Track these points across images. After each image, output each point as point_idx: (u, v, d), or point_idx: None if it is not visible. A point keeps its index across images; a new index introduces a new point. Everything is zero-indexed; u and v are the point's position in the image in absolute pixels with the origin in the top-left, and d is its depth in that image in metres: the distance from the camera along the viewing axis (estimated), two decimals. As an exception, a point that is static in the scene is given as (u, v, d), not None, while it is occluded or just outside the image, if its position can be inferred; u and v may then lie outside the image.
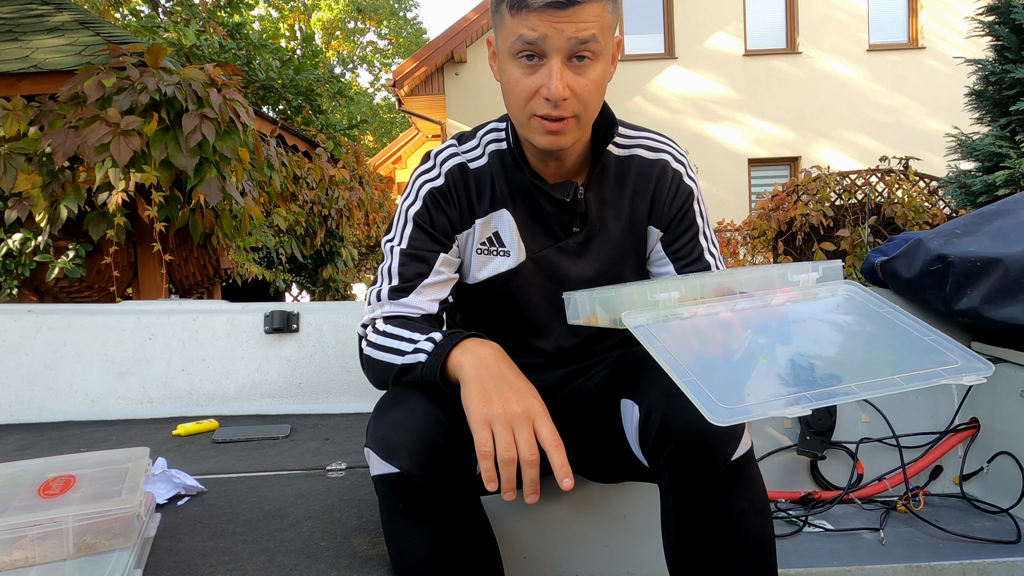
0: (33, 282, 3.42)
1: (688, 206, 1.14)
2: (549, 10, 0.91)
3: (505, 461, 0.85)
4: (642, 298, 0.89)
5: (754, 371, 0.84)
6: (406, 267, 1.09)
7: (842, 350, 0.92)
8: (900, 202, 6.34)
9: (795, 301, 0.96)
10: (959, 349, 0.88)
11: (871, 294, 1.00)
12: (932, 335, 0.91)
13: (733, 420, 0.75)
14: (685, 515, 0.90)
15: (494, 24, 1.00)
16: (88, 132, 3.03)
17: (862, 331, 0.95)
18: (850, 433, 1.73)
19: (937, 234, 1.75)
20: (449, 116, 10.28)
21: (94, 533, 0.88)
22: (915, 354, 0.88)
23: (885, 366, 0.86)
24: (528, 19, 0.92)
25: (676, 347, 0.84)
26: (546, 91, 0.95)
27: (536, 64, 0.95)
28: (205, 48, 5.79)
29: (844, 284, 1.02)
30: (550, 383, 1.18)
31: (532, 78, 0.96)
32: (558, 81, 0.94)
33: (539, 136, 1.00)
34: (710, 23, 10.23)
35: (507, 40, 0.96)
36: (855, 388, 0.82)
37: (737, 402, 0.78)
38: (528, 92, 0.97)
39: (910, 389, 0.83)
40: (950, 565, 1.36)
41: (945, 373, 0.84)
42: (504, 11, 0.95)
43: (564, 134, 0.99)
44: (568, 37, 0.92)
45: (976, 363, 0.85)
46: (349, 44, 21.29)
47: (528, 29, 0.93)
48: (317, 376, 1.92)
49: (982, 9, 5.39)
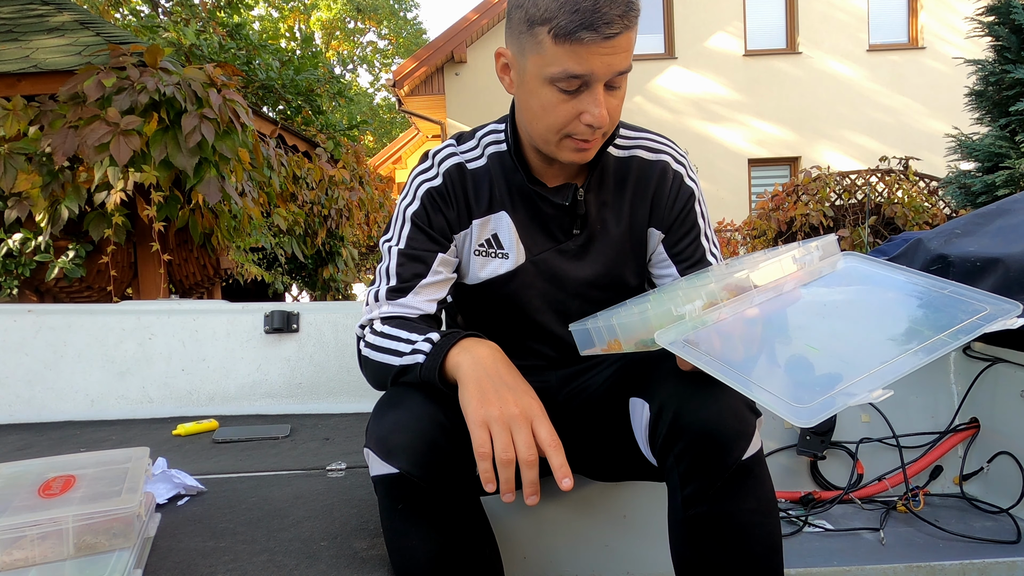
0: (33, 282, 3.42)
1: (690, 207, 1.14)
2: (598, 43, 0.90)
3: (503, 462, 0.85)
4: (667, 314, 0.84)
5: (808, 362, 0.82)
6: (404, 267, 1.09)
7: (877, 322, 0.90)
8: (900, 202, 6.35)
9: (805, 283, 0.95)
10: (980, 295, 0.87)
11: (873, 260, 0.99)
12: (949, 287, 0.90)
13: (820, 418, 0.72)
14: (694, 513, 0.90)
15: (521, 42, 0.97)
16: (88, 132, 3.03)
17: (884, 299, 0.93)
18: (850, 433, 1.73)
19: (937, 234, 1.76)
20: (449, 116, 10.28)
21: (94, 533, 0.88)
22: (944, 309, 0.86)
23: (926, 327, 0.84)
24: (577, 52, 0.91)
25: (721, 354, 0.81)
26: (589, 118, 0.95)
27: (577, 91, 0.95)
28: (205, 48, 5.79)
29: (844, 256, 1.01)
30: (551, 384, 1.18)
31: (571, 104, 0.96)
32: (603, 110, 0.95)
33: (569, 154, 1.01)
34: (710, 23, 10.23)
35: (546, 67, 0.94)
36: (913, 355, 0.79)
37: (812, 398, 0.74)
38: (567, 118, 0.97)
39: (959, 345, 0.80)
40: (950, 565, 1.36)
41: (982, 321, 0.82)
42: (544, 37, 0.92)
43: (592, 150, 1.02)
44: (614, 71, 0.93)
45: (1003, 304, 0.84)
46: (349, 44, 21.29)
47: (575, 62, 0.92)
48: (317, 376, 1.92)
49: (982, 9, 5.40)
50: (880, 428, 1.72)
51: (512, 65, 1.01)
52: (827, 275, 0.98)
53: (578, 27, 0.89)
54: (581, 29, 0.89)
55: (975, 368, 1.71)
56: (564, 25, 0.89)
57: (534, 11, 0.92)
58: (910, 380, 1.74)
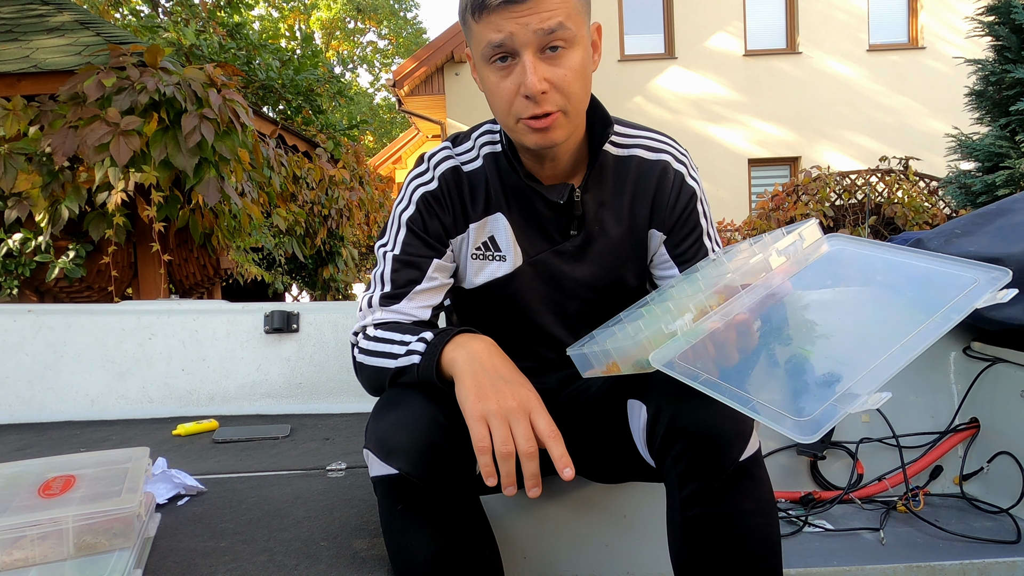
0: (33, 282, 3.42)
1: (692, 208, 1.12)
2: (508, 6, 0.90)
3: (503, 456, 0.85)
4: (659, 334, 0.83)
5: (803, 365, 0.81)
6: (398, 273, 1.08)
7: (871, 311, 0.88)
8: (900, 202, 6.35)
9: (792, 273, 0.93)
10: (967, 265, 0.85)
11: (857, 240, 0.98)
12: (935, 261, 0.88)
13: (822, 431, 0.70)
14: (692, 514, 0.90)
15: (466, 36, 1.00)
16: (88, 132, 3.03)
17: (873, 285, 0.91)
18: (850, 433, 1.73)
19: (937, 234, 1.75)
20: (449, 116, 10.28)
21: (94, 533, 0.88)
22: (934, 287, 0.85)
23: (918, 311, 0.82)
24: (491, 21, 0.91)
25: (717, 364, 0.80)
26: (523, 88, 0.93)
27: (510, 65, 0.94)
28: (205, 48, 5.79)
29: (828, 239, 1.00)
30: (551, 386, 1.18)
31: (509, 80, 0.95)
32: (532, 75, 0.92)
33: (528, 137, 0.98)
34: (710, 23, 10.23)
35: (478, 47, 0.96)
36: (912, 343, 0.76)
37: (813, 408, 0.72)
38: (509, 95, 0.96)
39: (952, 326, 0.78)
40: (950, 565, 1.36)
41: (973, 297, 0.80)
42: (469, 19, 0.95)
43: (553, 130, 0.97)
44: (534, 30, 0.91)
45: (992, 272, 0.83)
46: (349, 44, 21.29)
47: (493, 31, 0.92)
48: (317, 376, 1.92)
49: (982, 9, 5.40)
50: (880, 428, 1.72)
51: (473, 64, 1.03)
52: (814, 262, 0.96)
53: None
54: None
55: (975, 368, 1.71)
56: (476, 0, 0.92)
57: (463, 2, 0.96)
58: (910, 380, 1.75)
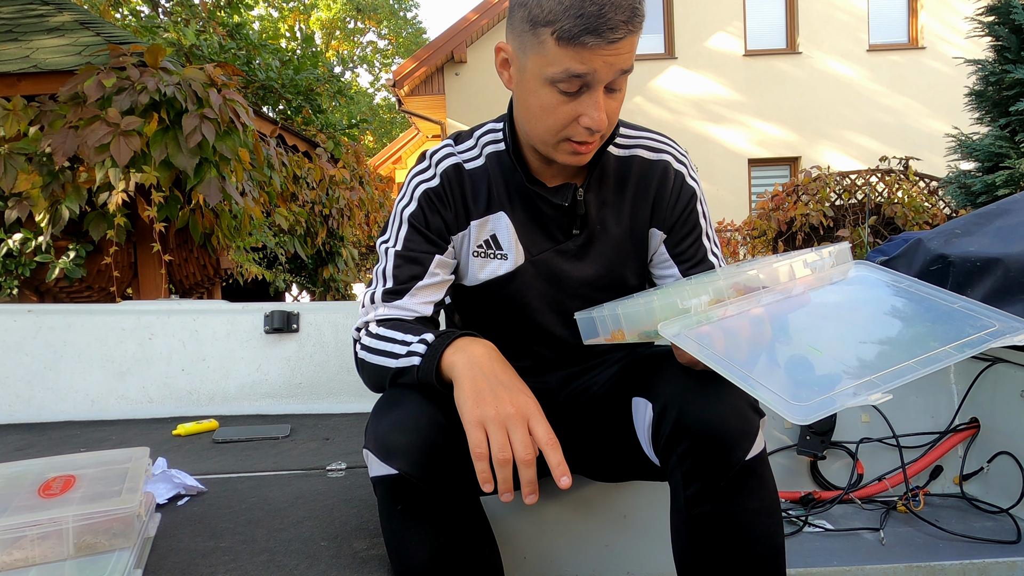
0: (33, 282, 3.42)
1: (692, 208, 1.13)
2: (605, 47, 0.89)
3: (500, 462, 0.84)
4: (672, 307, 0.84)
5: (809, 363, 0.82)
6: (400, 269, 1.08)
7: (883, 330, 0.90)
8: (900, 202, 6.35)
9: (814, 288, 0.95)
10: (989, 311, 0.87)
11: (884, 270, 0.99)
12: (959, 301, 0.90)
13: (816, 416, 0.72)
14: (697, 513, 0.90)
15: (522, 40, 0.96)
16: (88, 132, 3.03)
17: (892, 308, 0.93)
18: (850, 433, 1.73)
19: (937, 234, 1.75)
20: (449, 116, 10.28)
21: (94, 533, 0.88)
22: (952, 322, 0.87)
23: (931, 339, 0.84)
24: (580, 54, 0.90)
25: (724, 351, 0.81)
26: (588, 121, 0.94)
27: (577, 94, 0.94)
28: (205, 48, 5.79)
29: (856, 265, 1.01)
30: (551, 385, 1.18)
31: (570, 106, 0.95)
32: (602, 112, 0.94)
33: (567, 156, 1.00)
34: (710, 23, 10.23)
35: (546, 67, 0.93)
36: (915, 364, 0.79)
37: (810, 397, 0.75)
38: (565, 119, 0.96)
39: (964, 358, 0.81)
40: (950, 565, 1.36)
41: (989, 337, 0.83)
42: (547, 38, 0.91)
43: (589, 153, 1.01)
44: (616, 70, 0.92)
45: (1012, 322, 0.84)
46: (349, 44, 21.29)
47: (577, 62, 0.91)
48: (317, 376, 1.92)
49: (982, 9, 5.40)
50: (880, 428, 1.72)
51: (512, 61, 1.00)
52: (838, 282, 0.97)
53: (582, 31, 0.88)
54: (585, 34, 0.88)
55: (975, 368, 1.71)
56: (568, 29, 0.89)
57: (538, 11, 0.91)
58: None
